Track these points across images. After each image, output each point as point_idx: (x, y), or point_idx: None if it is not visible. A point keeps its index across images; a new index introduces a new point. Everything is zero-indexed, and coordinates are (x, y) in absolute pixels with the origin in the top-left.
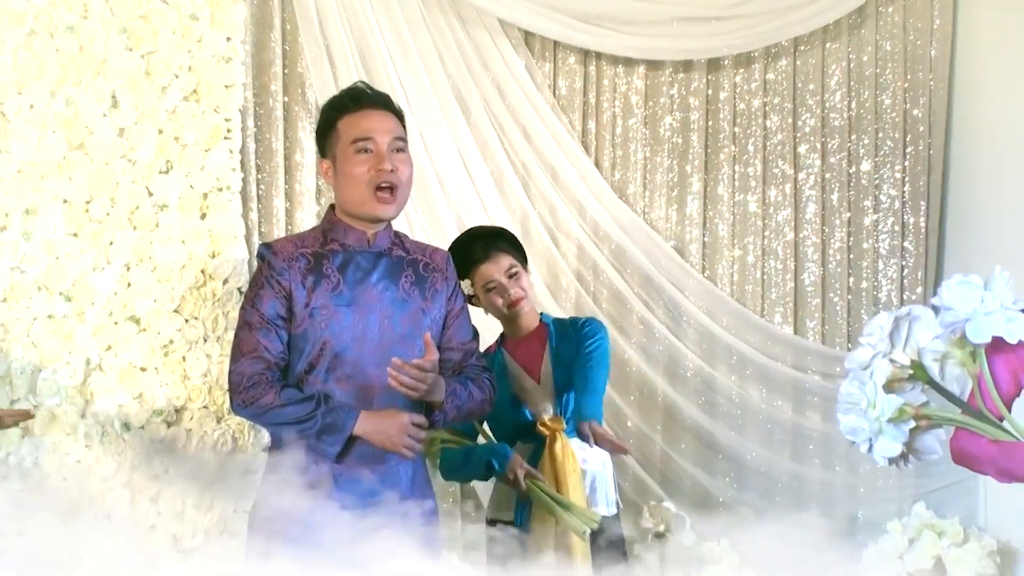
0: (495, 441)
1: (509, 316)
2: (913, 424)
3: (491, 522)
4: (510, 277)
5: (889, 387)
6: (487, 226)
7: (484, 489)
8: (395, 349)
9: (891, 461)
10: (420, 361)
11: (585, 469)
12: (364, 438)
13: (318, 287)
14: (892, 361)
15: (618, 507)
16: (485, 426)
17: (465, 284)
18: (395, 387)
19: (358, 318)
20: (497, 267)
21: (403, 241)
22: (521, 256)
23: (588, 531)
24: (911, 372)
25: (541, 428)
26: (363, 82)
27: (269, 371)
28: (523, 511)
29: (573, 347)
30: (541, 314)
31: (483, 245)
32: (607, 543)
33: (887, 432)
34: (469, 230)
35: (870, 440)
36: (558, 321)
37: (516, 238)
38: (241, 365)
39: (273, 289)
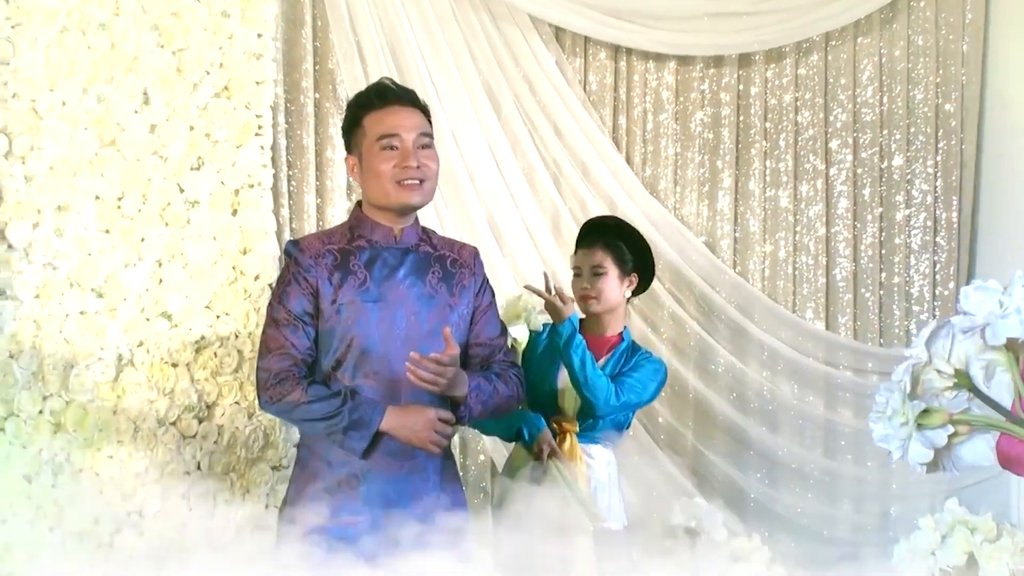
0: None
1: (581, 308)
2: (952, 430)
3: (496, 505)
4: (594, 274)
5: (933, 396)
6: (621, 221)
7: None
8: (422, 345)
9: (928, 468)
10: (438, 355)
11: (590, 476)
12: (391, 434)
13: (345, 283)
14: (939, 372)
15: (625, 524)
16: None
17: (573, 259)
18: (414, 382)
19: (385, 314)
20: (585, 258)
21: (430, 237)
22: (623, 262)
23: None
24: (955, 380)
25: (554, 424)
26: (388, 78)
27: (296, 368)
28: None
29: (625, 368)
30: (624, 329)
31: (592, 233)
32: (612, 555)
33: (917, 438)
34: (607, 216)
35: (903, 447)
36: (633, 345)
37: (636, 245)
38: (268, 362)
39: (300, 286)
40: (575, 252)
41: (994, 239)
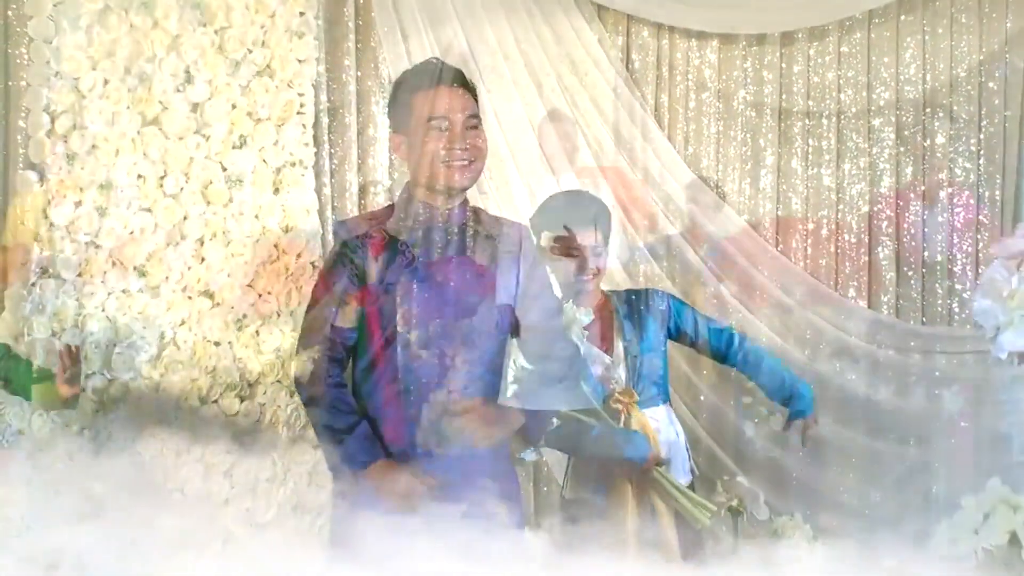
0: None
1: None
2: None
3: (569, 501)
4: (595, 254)
5: None
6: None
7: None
8: (469, 324)
9: (1020, 359)
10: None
11: (661, 440)
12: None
13: (392, 263)
14: None
15: (693, 474)
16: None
17: (546, 236)
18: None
19: (432, 294)
20: (589, 237)
21: (478, 215)
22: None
23: (708, 522)
24: None
25: (615, 404)
26: (436, 58)
27: (334, 350)
28: (602, 487)
29: (643, 317)
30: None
31: (585, 213)
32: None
33: (1018, 325)
34: (583, 192)
35: (998, 328)
36: (615, 293)
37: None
38: (309, 342)
39: (346, 267)
40: (570, 229)
41: None
